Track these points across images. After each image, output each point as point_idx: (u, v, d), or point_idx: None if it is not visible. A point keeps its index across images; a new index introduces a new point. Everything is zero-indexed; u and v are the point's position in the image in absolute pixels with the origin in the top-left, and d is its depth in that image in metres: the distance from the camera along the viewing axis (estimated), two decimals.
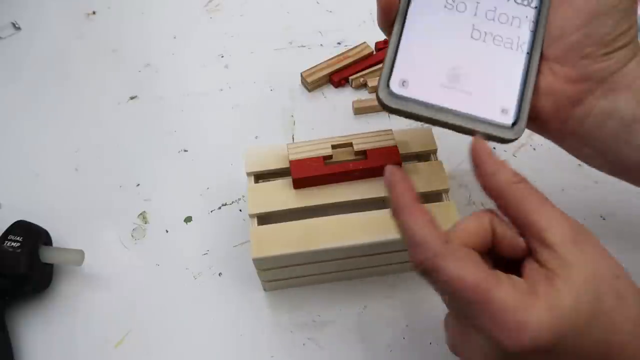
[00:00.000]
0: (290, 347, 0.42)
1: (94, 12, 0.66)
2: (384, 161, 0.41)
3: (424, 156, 0.44)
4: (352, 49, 0.59)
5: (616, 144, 0.32)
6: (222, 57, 0.61)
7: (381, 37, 0.60)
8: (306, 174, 0.41)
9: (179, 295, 0.45)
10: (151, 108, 0.57)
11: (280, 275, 0.42)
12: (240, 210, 0.49)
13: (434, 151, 0.43)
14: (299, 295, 0.44)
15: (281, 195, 0.41)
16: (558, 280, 0.25)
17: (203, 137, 0.54)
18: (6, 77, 0.60)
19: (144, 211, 0.49)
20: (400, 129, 0.44)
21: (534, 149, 0.51)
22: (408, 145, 0.43)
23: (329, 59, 0.59)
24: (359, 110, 0.55)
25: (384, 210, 0.40)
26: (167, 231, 0.48)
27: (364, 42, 0.60)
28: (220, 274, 0.46)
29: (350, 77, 0.57)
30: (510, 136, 0.31)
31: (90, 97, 0.58)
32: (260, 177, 0.44)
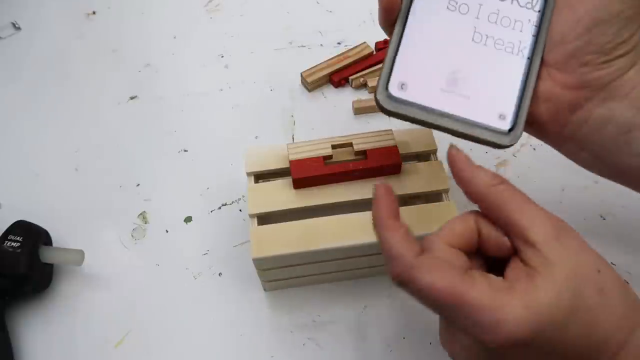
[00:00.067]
0: (290, 347, 0.42)
1: (94, 12, 0.66)
2: (384, 161, 0.41)
3: (424, 156, 0.44)
4: (352, 49, 0.59)
5: (614, 150, 0.32)
6: (222, 57, 0.61)
7: (381, 37, 0.60)
8: (306, 174, 0.41)
9: (179, 295, 0.45)
10: (151, 108, 0.57)
11: (280, 275, 0.42)
12: (240, 210, 0.49)
13: (434, 151, 0.43)
14: (299, 295, 0.44)
15: (281, 195, 0.41)
16: (539, 277, 0.26)
17: (203, 137, 0.54)
18: (6, 77, 0.60)
19: (144, 211, 0.49)
20: (401, 129, 0.44)
21: (534, 149, 0.52)
22: (408, 145, 0.43)
23: (329, 59, 0.59)
24: (359, 110, 0.55)
25: None
26: (167, 231, 0.48)
27: (364, 42, 0.60)
28: (220, 274, 0.46)
29: (350, 77, 0.57)
30: (506, 142, 0.31)
31: (90, 97, 0.58)
32: (260, 177, 0.43)
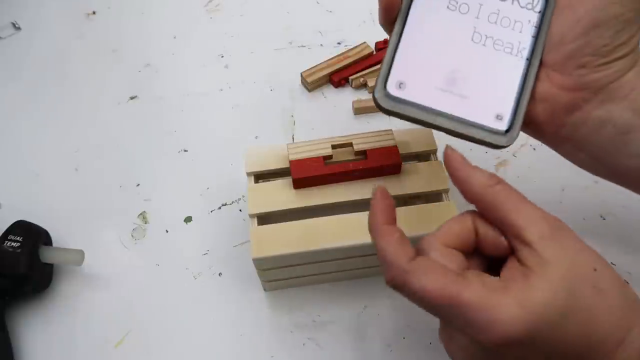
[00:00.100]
0: (290, 347, 0.42)
1: (94, 12, 0.66)
2: (384, 161, 0.41)
3: (424, 156, 0.44)
4: (352, 49, 0.59)
5: (612, 152, 0.32)
6: (222, 57, 0.61)
7: (381, 37, 0.60)
8: (306, 174, 0.41)
9: (179, 295, 0.45)
10: (151, 108, 0.57)
11: (280, 275, 0.42)
12: (240, 210, 0.49)
13: (434, 151, 0.43)
14: (299, 295, 0.44)
15: (281, 195, 0.41)
16: (534, 276, 0.26)
17: (203, 137, 0.54)
18: (6, 77, 0.60)
19: (144, 211, 0.49)
20: (401, 129, 0.44)
21: (534, 149, 0.52)
22: (408, 145, 0.43)
23: (329, 59, 0.59)
24: (359, 110, 0.55)
25: None
26: (167, 231, 0.48)
27: (364, 42, 0.60)
28: (220, 274, 0.46)
29: (350, 77, 0.57)
30: (503, 143, 0.31)
31: (90, 97, 0.58)
32: (260, 177, 0.43)
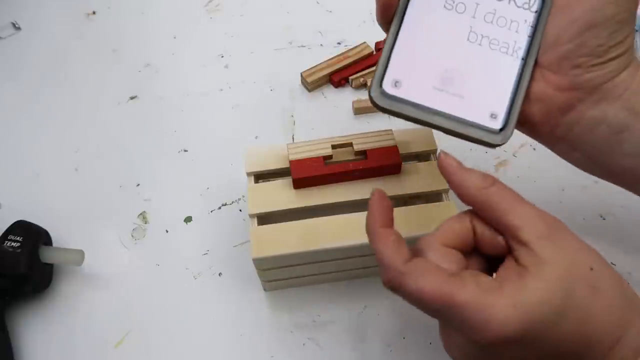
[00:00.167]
0: (290, 347, 0.42)
1: (94, 12, 0.66)
2: (384, 161, 0.41)
3: (424, 156, 0.44)
4: (352, 49, 0.59)
5: (606, 151, 0.32)
6: (222, 57, 0.61)
7: (381, 37, 0.60)
8: (306, 174, 0.41)
9: (179, 295, 0.45)
10: (151, 108, 0.57)
11: (280, 275, 0.42)
12: (240, 210, 0.49)
13: (434, 151, 0.43)
14: (299, 295, 0.44)
15: (281, 195, 0.41)
16: (530, 276, 0.26)
17: (203, 137, 0.54)
18: (6, 77, 0.60)
19: (144, 211, 0.49)
20: (401, 129, 0.44)
21: (534, 149, 0.52)
22: (408, 145, 0.43)
23: (329, 59, 0.59)
24: (359, 110, 0.55)
25: None
26: (167, 231, 0.48)
27: (364, 42, 0.60)
28: (220, 274, 0.46)
29: (350, 77, 0.57)
30: (497, 141, 0.31)
31: (90, 97, 0.58)
32: (260, 177, 0.43)
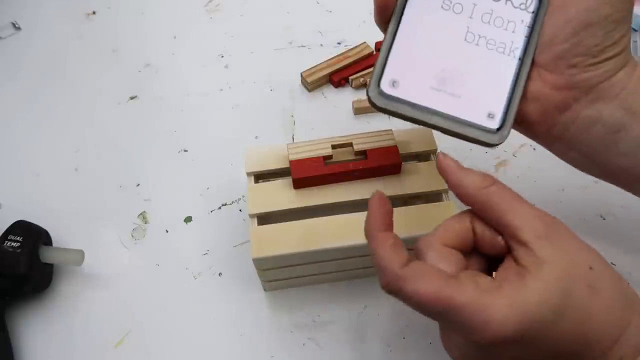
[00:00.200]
0: (290, 347, 0.42)
1: (94, 12, 0.66)
2: (384, 161, 0.41)
3: (424, 156, 0.44)
4: (352, 49, 0.59)
5: (602, 150, 0.32)
6: (222, 57, 0.61)
7: (381, 37, 0.60)
8: (306, 174, 0.41)
9: (179, 295, 0.45)
10: (151, 108, 0.57)
11: (280, 275, 0.42)
12: (240, 210, 0.49)
13: (434, 151, 0.43)
14: (299, 295, 0.44)
15: (281, 195, 0.41)
16: (528, 276, 0.26)
17: (203, 137, 0.54)
18: (6, 77, 0.60)
19: (144, 211, 0.49)
20: (401, 129, 0.44)
21: (534, 149, 0.52)
22: (408, 145, 0.43)
23: (329, 59, 0.59)
24: (359, 110, 0.55)
25: None
26: (167, 231, 0.48)
27: (364, 42, 0.60)
28: (220, 274, 0.46)
29: (350, 77, 0.57)
30: (495, 141, 0.31)
31: (90, 97, 0.58)
32: (260, 177, 0.43)
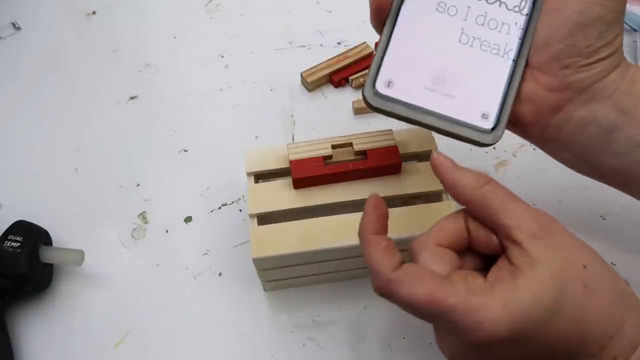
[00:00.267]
0: (290, 347, 0.42)
1: (94, 12, 0.66)
2: (384, 161, 0.41)
3: (424, 156, 0.44)
4: (352, 49, 0.59)
5: (595, 151, 0.32)
6: (222, 57, 0.61)
7: None
8: (306, 174, 0.41)
9: (178, 295, 0.45)
10: (151, 108, 0.57)
11: (280, 275, 0.42)
12: (240, 210, 0.49)
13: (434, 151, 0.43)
14: (299, 295, 0.44)
15: (281, 195, 0.41)
16: (521, 276, 0.26)
17: (203, 137, 0.54)
18: (6, 77, 0.60)
19: (144, 211, 0.49)
20: (401, 129, 0.44)
21: (534, 149, 0.51)
22: (408, 145, 0.43)
23: (329, 59, 0.59)
24: (359, 110, 0.55)
25: None
26: (167, 231, 0.48)
27: (364, 42, 0.60)
28: (220, 274, 0.46)
29: (350, 77, 0.57)
30: (488, 141, 0.31)
31: (90, 97, 0.58)
32: (260, 177, 0.43)
